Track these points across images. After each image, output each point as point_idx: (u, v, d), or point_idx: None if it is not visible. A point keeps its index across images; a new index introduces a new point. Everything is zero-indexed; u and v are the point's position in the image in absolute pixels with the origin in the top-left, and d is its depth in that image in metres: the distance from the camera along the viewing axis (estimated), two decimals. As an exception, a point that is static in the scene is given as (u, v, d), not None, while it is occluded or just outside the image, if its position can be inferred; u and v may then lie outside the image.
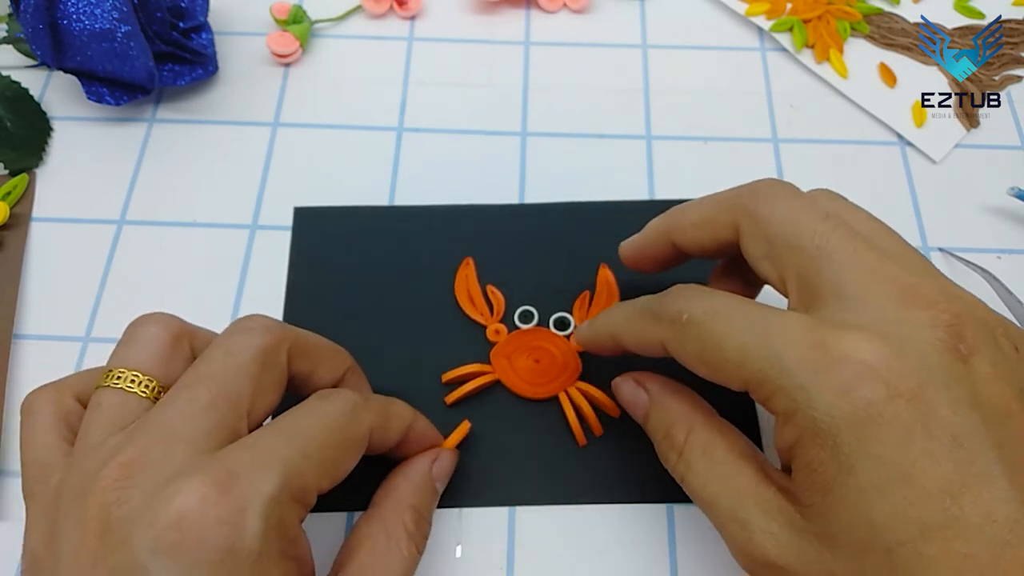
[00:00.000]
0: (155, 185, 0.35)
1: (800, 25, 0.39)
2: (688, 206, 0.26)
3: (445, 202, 0.34)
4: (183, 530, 0.18)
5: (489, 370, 0.30)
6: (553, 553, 0.28)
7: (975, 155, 0.37)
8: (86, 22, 0.32)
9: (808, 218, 0.22)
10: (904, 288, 0.20)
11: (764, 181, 0.24)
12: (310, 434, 0.21)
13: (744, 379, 0.20)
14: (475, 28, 0.40)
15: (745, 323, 0.21)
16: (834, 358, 0.19)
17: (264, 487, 0.19)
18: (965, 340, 0.19)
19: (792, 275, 0.22)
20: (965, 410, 0.18)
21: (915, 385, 0.18)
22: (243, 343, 0.22)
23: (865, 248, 0.21)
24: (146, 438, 0.20)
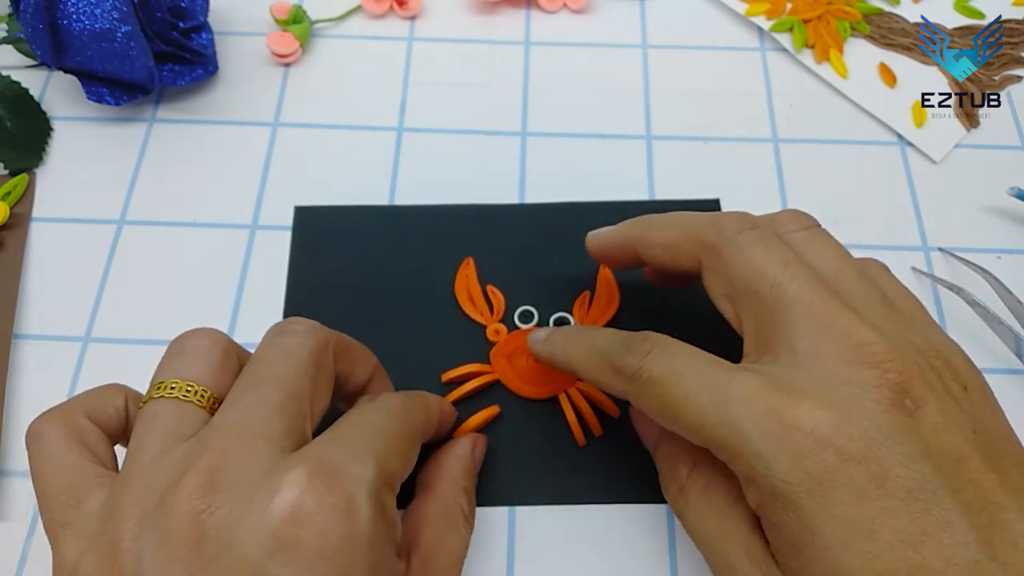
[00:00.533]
0: (155, 185, 0.35)
1: (800, 25, 0.39)
2: (657, 223, 0.26)
3: (445, 202, 0.34)
4: (300, 524, 0.18)
5: (489, 370, 0.30)
6: (553, 553, 0.28)
7: (975, 155, 0.37)
8: (86, 22, 0.32)
9: (769, 265, 0.22)
10: (854, 346, 0.20)
11: (731, 218, 0.24)
12: (383, 427, 0.22)
13: (704, 441, 0.21)
14: (475, 28, 0.40)
15: (704, 387, 0.21)
16: (787, 427, 0.19)
17: (365, 473, 0.20)
18: (911, 395, 0.20)
19: (749, 319, 0.23)
20: (917, 463, 0.19)
21: (864, 447, 0.19)
22: (297, 344, 0.22)
23: (822, 299, 0.21)
24: (223, 441, 0.20)
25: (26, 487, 0.28)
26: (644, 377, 0.22)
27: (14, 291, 0.32)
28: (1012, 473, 0.19)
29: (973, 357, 0.31)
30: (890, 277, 0.25)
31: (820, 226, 0.25)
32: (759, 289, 0.22)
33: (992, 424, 0.21)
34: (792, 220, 0.25)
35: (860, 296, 0.22)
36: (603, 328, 0.26)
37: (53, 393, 0.30)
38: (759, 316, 0.22)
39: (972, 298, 0.31)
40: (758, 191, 0.35)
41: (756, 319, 0.22)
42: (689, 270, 0.25)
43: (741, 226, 0.23)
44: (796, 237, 0.24)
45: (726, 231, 0.23)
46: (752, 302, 0.22)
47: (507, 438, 0.29)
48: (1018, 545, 0.18)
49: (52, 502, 0.20)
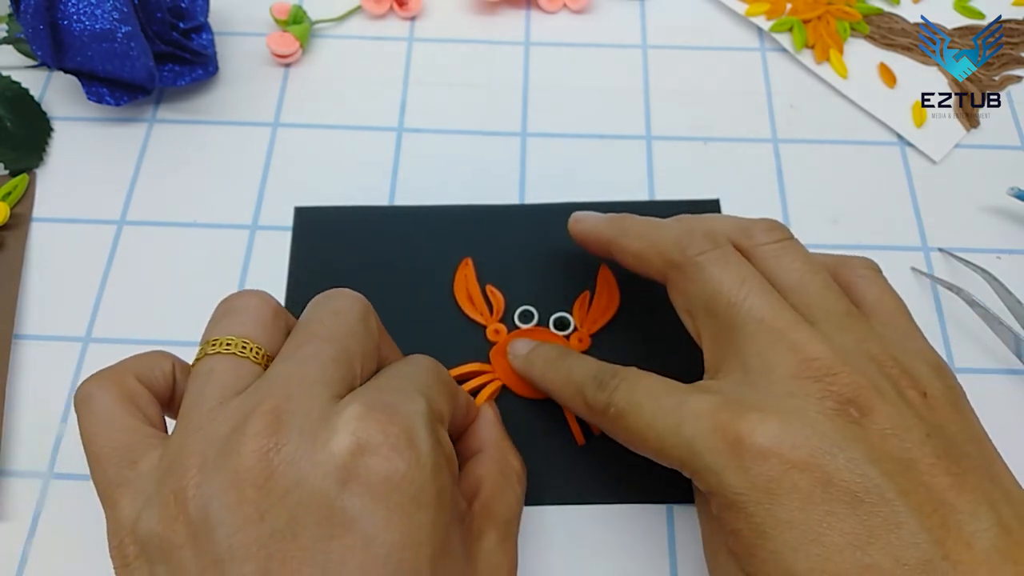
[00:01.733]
0: (155, 185, 0.35)
1: (800, 25, 0.39)
2: (631, 230, 0.27)
3: (445, 202, 0.34)
4: (366, 454, 0.19)
5: (489, 369, 0.30)
6: (553, 553, 0.28)
7: (975, 155, 0.37)
8: (86, 22, 0.32)
9: (724, 284, 0.23)
10: (800, 361, 0.21)
11: (696, 236, 0.25)
12: (422, 373, 0.23)
13: (668, 462, 0.22)
14: (475, 28, 0.40)
15: (660, 413, 0.22)
16: (731, 441, 0.20)
17: (418, 408, 0.21)
18: (856, 404, 0.20)
19: (708, 336, 0.24)
20: (862, 467, 0.19)
21: (806, 454, 0.20)
22: (347, 306, 0.23)
23: (775, 315, 0.22)
24: (282, 387, 0.20)
25: (26, 487, 0.28)
26: (611, 412, 0.24)
27: (14, 291, 0.32)
28: (970, 476, 0.20)
29: (973, 357, 0.31)
30: (873, 279, 0.25)
31: (792, 238, 0.25)
32: (715, 308, 0.23)
33: (953, 428, 0.21)
34: (764, 232, 0.25)
35: (820, 308, 0.23)
36: (581, 357, 0.27)
37: (53, 393, 0.30)
38: (715, 334, 0.24)
39: (972, 298, 0.31)
40: (758, 191, 0.35)
41: (713, 337, 0.24)
42: (658, 280, 0.26)
43: (704, 245, 0.24)
44: (765, 250, 0.25)
45: (689, 250, 0.24)
46: (709, 320, 0.24)
47: (507, 438, 0.29)
48: (972, 545, 0.19)
49: (106, 463, 0.20)
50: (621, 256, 0.27)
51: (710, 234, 0.25)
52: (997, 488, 0.20)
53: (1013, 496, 0.20)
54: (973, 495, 0.19)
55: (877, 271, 0.26)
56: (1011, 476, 0.21)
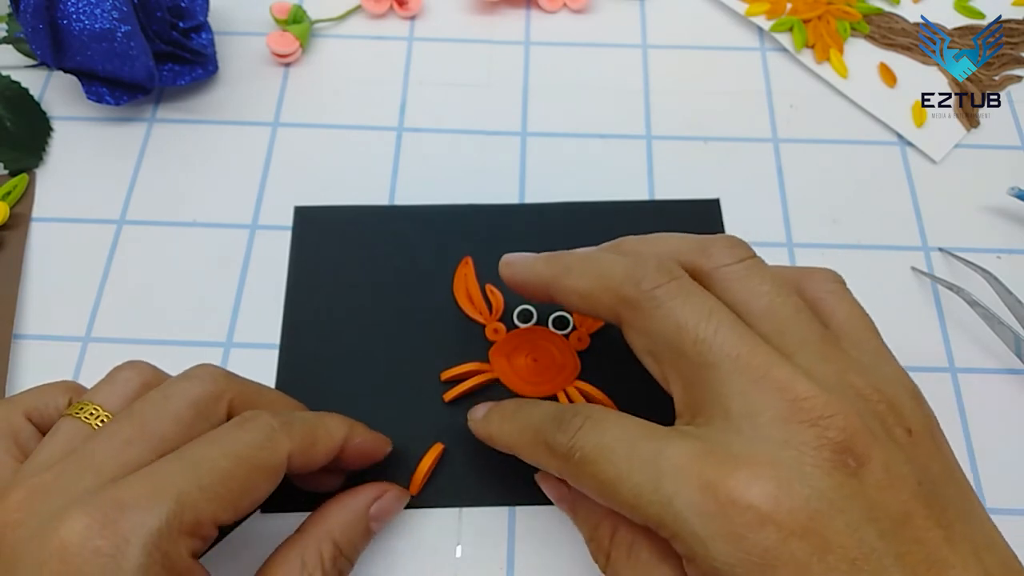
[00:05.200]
0: (155, 185, 0.35)
1: (800, 25, 0.39)
2: (574, 267, 0.24)
3: (445, 202, 0.34)
4: (65, 561, 0.19)
5: (488, 369, 0.30)
6: (553, 553, 0.28)
7: (975, 155, 0.37)
8: (86, 22, 0.32)
9: (690, 319, 0.21)
10: (790, 402, 0.19)
11: (648, 267, 0.22)
12: (213, 465, 0.21)
13: (642, 520, 0.20)
14: (475, 28, 0.40)
15: (636, 463, 0.20)
16: (723, 504, 0.18)
17: (149, 521, 0.19)
18: (854, 452, 0.19)
19: (677, 378, 0.22)
20: (861, 529, 0.18)
21: (806, 519, 0.18)
22: (182, 389, 0.23)
23: (750, 350, 0.20)
24: (65, 464, 0.21)
25: (26, 487, 0.28)
26: (576, 457, 0.21)
27: (14, 291, 0.32)
28: (956, 525, 0.19)
29: (973, 357, 0.31)
30: (840, 294, 0.24)
31: (756, 256, 0.23)
32: (682, 346, 0.21)
33: (936, 469, 0.20)
34: (726, 252, 0.23)
35: (796, 336, 0.21)
36: (539, 403, 0.24)
37: (53, 393, 0.30)
38: (686, 376, 0.21)
39: (972, 298, 0.31)
40: (758, 191, 0.35)
41: (683, 378, 0.21)
42: (609, 320, 0.23)
43: (659, 278, 0.22)
44: (728, 272, 0.23)
45: (643, 284, 0.22)
46: (677, 361, 0.21)
47: (507, 438, 0.29)
48: None
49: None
50: (565, 298, 0.24)
51: (663, 264, 0.22)
52: (980, 534, 0.19)
53: (995, 543, 0.20)
54: (962, 546, 0.19)
55: (843, 284, 0.24)
56: (986, 515, 0.20)
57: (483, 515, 0.28)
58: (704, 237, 0.24)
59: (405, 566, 0.27)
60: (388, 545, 0.28)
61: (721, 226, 0.34)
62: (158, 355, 0.31)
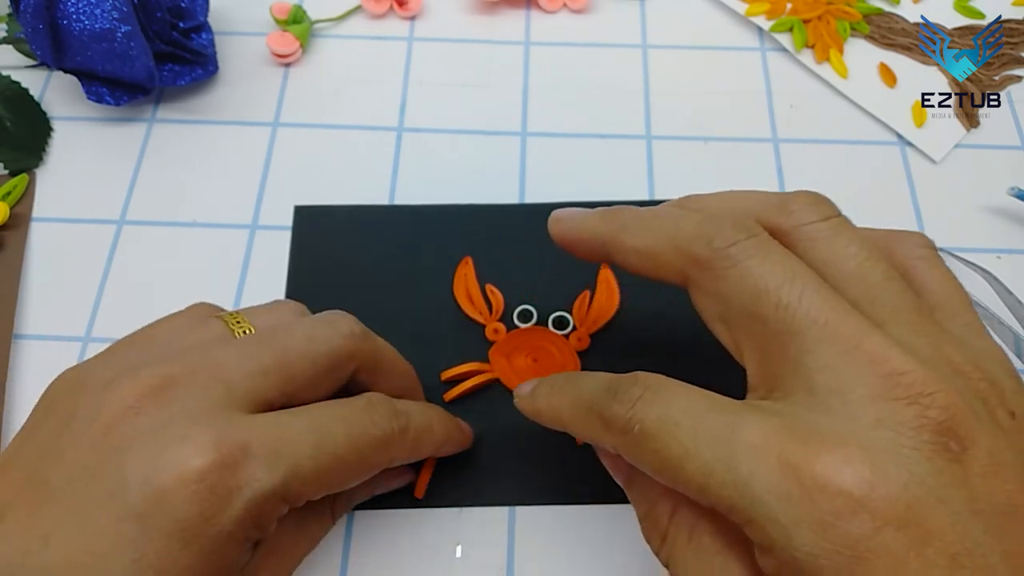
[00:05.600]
0: (155, 185, 0.35)
1: (800, 25, 0.39)
2: (632, 224, 0.22)
3: (445, 202, 0.34)
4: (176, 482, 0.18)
5: (488, 369, 0.30)
6: (553, 553, 0.28)
7: (975, 155, 0.37)
8: (86, 22, 0.32)
9: (772, 281, 0.19)
10: (885, 376, 0.17)
11: (723, 224, 0.20)
12: (335, 447, 0.21)
13: (711, 503, 0.18)
14: (475, 28, 0.40)
15: (706, 438, 0.18)
16: (809, 488, 0.16)
17: (264, 480, 0.19)
18: (957, 435, 0.17)
19: (753, 347, 0.19)
20: (964, 521, 0.16)
21: (904, 508, 0.16)
22: (325, 336, 0.23)
23: (839, 318, 0.18)
24: (195, 363, 0.20)
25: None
26: (635, 430, 0.19)
27: (14, 291, 0.32)
28: None
29: (973, 357, 0.31)
30: (932, 261, 0.22)
31: (841, 214, 0.21)
32: (761, 311, 0.19)
33: None
34: (809, 209, 0.21)
35: (889, 304, 0.19)
36: (592, 373, 0.22)
37: (53, 393, 0.30)
38: (764, 344, 0.19)
39: (972, 298, 0.31)
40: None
41: (760, 348, 0.19)
42: (674, 283, 0.21)
43: (735, 235, 0.20)
44: (811, 231, 0.20)
45: (716, 241, 0.20)
46: (754, 327, 0.19)
47: (506, 438, 0.29)
48: None
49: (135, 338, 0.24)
50: (622, 257, 0.22)
51: (739, 220, 0.20)
52: None
53: None
54: None
55: (935, 250, 0.22)
56: None
57: (483, 515, 0.28)
58: (783, 193, 0.22)
59: (405, 566, 0.27)
60: (388, 545, 0.28)
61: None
62: (158, 355, 0.31)
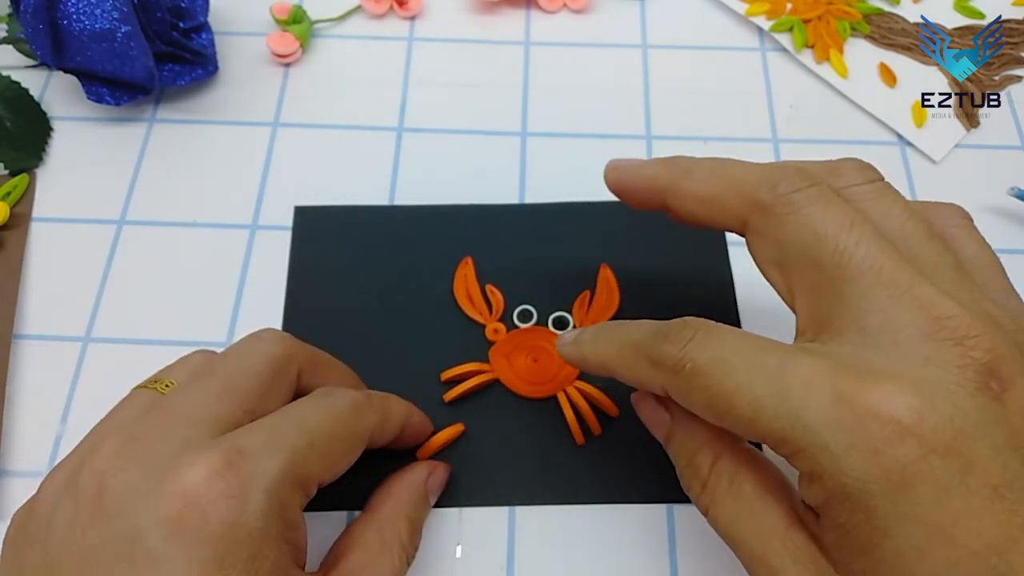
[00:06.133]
0: (155, 185, 0.35)
1: (800, 25, 0.39)
2: (695, 170, 0.23)
3: (445, 202, 0.34)
4: (188, 503, 0.19)
5: (488, 369, 0.30)
6: (553, 553, 0.28)
7: (975, 155, 0.37)
8: (86, 22, 0.32)
9: (831, 228, 0.20)
10: (933, 319, 0.18)
11: (786, 171, 0.21)
12: (318, 424, 0.22)
13: (760, 435, 0.19)
14: (475, 28, 0.40)
15: (758, 375, 0.19)
16: (861, 416, 0.17)
17: (270, 467, 0.20)
18: (998, 376, 0.18)
19: (805, 291, 0.20)
20: (1005, 456, 0.17)
21: (950, 438, 0.17)
22: (257, 348, 0.24)
23: (893, 265, 0.19)
24: (153, 417, 0.21)
25: (26, 487, 0.28)
26: (687, 368, 0.20)
27: (14, 291, 0.32)
28: None
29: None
30: (968, 230, 0.22)
31: (885, 179, 0.22)
32: (819, 256, 0.20)
33: None
34: (856, 172, 0.22)
35: (931, 261, 0.20)
36: (636, 321, 0.23)
37: (53, 393, 0.30)
38: (817, 288, 0.20)
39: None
40: (758, 191, 0.35)
41: (813, 291, 0.20)
42: (729, 227, 0.22)
43: (798, 182, 0.21)
44: (859, 192, 0.21)
45: (780, 187, 0.21)
46: (809, 271, 0.20)
47: (506, 438, 0.29)
48: None
49: None
50: (681, 202, 0.23)
51: (803, 171, 0.21)
52: None
53: None
54: None
55: (971, 221, 0.23)
56: None
57: (483, 515, 0.28)
58: (831, 160, 0.23)
59: (405, 566, 0.27)
60: (388, 545, 0.28)
61: (721, 226, 0.34)
62: (158, 355, 0.31)
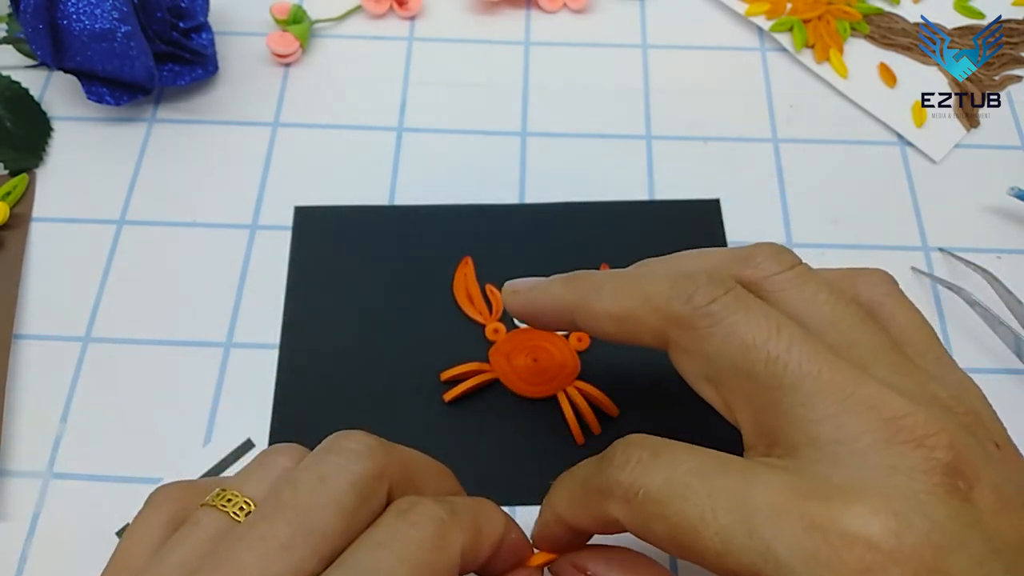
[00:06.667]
0: (155, 185, 0.35)
1: (800, 25, 0.39)
2: (604, 288, 0.21)
3: (445, 202, 0.34)
4: None
5: (488, 368, 0.30)
6: (552, 553, 0.28)
7: (975, 155, 0.37)
8: (86, 22, 0.32)
9: (758, 336, 0.18)
10: (887, 421, 0.17)
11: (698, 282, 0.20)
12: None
13: (731, 571, 0.17)
14: (475, 28, 0.40)
15: (720, 499, 0.17)
16: (836, 546, 0.16)
17: None
18: (963, 474, 0.17)
19: (744, 405, 0.19)
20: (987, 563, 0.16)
21: (931, 558, 0.16)
22: (339, 468, 0.18)
23: (831, 367, 0.18)
24: (205, 572, 0.17)
25: (26, 487, 0.28)
26: (639, 495, 0.18)
27: (14, 291, 0.32)
28: None
29: (973, 357, 0.31)
30: (897, 297, 0.22)
31: (803, 263, 0.21)
32: (751, 368, 0.18)
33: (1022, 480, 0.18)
34: (772, 260, 0.21)
35: (866, 347, 0.19)
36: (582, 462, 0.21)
37: (53, 393, 0.30)
38: (756, 401, 0.18)
39: (972, 298, 0.31)
40: (758, 191, 0.35)
41: (753, 405, 0.19)
42: (649, 345, 0.21)
43: (713, 290, 0.19)
44: (779, 281, 0.20)
45: (695, 299, 0.19)
46: (744, 384, 0.19)
47: (506, 438, 0.29)
48: None
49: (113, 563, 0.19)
50: (594, 323, 0.22)
51: (714, 275, 0.20)
52: None
53: None
54: None
55: (897, 286, 0.22)
56: None
57: (483, 515, 0.28)
58: (742, 247, 0.22)
59: (405, 566, 0.27)
60: (388, 545, 0.28)
61: (721, 226, 0.34)
62: (158, 355, 0.31)
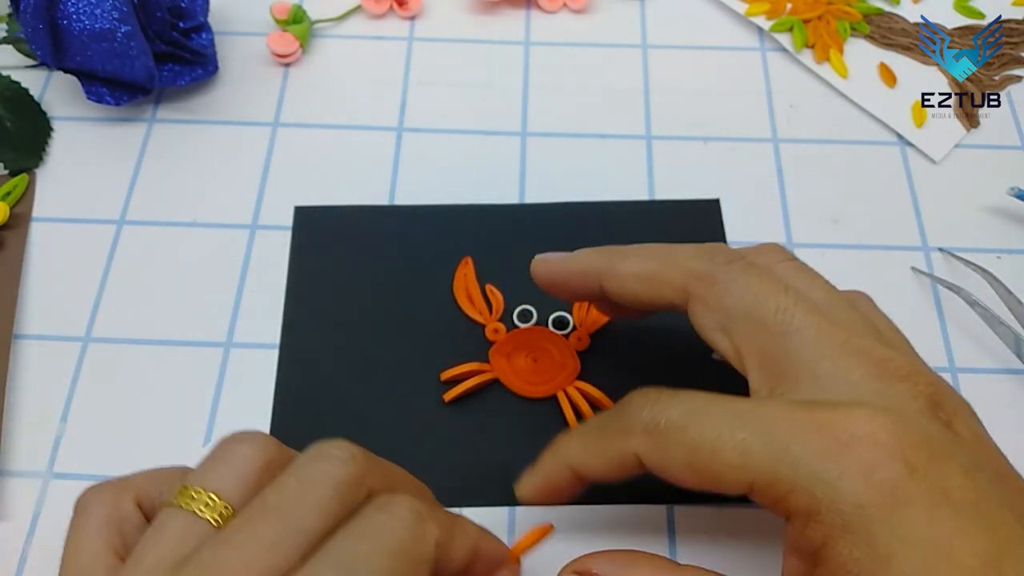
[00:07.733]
0: (155, 185, 0.35)
1: (800, 25, 0.39)
2: (629, 252, 0.24)
3: (445, 202, 0.34)
4: None
5: (488, 368, 0.30)
6: (553, 553, 0.28)
7: (975, 155, 0.37)
8: (86, 22, 0.32)
9: (769, 291, 0.21)
10: (877, 362, 0.20)
11: (717, 248, 0.23)
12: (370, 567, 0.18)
13: (748, 481, 0.18)
14: (475, 28, 0.40)
15: (735, 419, 0.19)
16: (845, 441, 0.17)
17: None
18: (943, 407, 0.19)
19: (752, 351, 0.21)
20: (974, 472, 0.17)
21: (927, 457, 0.17)
22: (323, 472, 0.19)
23: (828, 322, 0.21)
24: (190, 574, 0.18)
25: (26, 487, 0.28)
26: (662, 424, 0.20)
27: (14, 291, 0.32)
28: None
29: (973, 357, 0.32)
30: (877, 311, 0.24)
31: (798, 260, 0.24)
32: (763, 316, 0.21)
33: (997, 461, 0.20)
34: (775, 252, 0.24)
35: (855, 325, 0.21)
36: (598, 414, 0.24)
37: (53, 393, 0.30)
38: (765, 346, 0.21)
39: (972, 298, 0.31)
40: (758, 191, 0.35)
41: (762, 350, 0.21)
42: (668, 302, 0.23)
43: (731, 254, 0.23)
44: (780, 268, 0.23)
45: (716, 259, 0.22)
46: (755, 332, 0.21)
47: (505, 438, 0.29)
48: None
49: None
50: (618, 282, 0.24)
51: (729, 248, 0.23)
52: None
53: None
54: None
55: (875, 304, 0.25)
56: None
57: (483, 515, 0.28)
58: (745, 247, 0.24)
59: (405, 566, 0.27)
60: (388, 545, 0.28)
61: (721, 226, 0.34)
62: (158, 355, 0.31)
